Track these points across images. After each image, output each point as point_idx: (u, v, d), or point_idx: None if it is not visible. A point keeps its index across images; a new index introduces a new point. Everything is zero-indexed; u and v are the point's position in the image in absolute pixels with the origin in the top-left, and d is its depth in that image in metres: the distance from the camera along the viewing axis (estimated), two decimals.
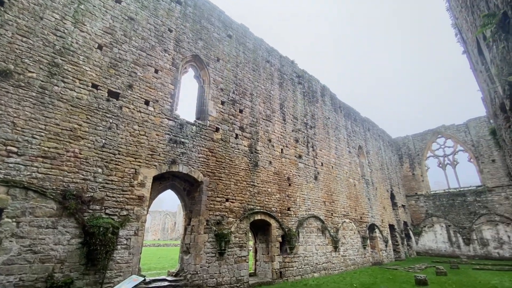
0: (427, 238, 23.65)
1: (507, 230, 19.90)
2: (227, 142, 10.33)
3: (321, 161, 15.28)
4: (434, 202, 24.05)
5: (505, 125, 5.11)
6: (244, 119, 11.42)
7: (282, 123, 13.43)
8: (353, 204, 16.76)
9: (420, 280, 10.42)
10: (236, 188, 10.07)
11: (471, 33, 6.47)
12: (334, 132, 17.59)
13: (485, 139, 22.58)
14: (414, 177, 26.16)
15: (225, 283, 8.51)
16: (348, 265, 14.36)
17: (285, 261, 10.93)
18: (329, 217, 14.32)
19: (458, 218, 22.31)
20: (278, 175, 12.15)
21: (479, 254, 20.44)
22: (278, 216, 11.36)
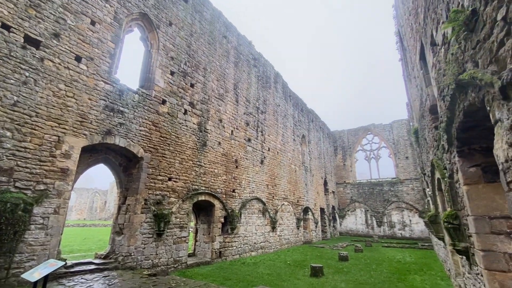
0: (349, 221, 27.10)
1: (409, 215, 24.20)
2: (174, 117, 9.53)
3: (268, 146, 15.63)
4: (358, 190, 27.50)
5: (430, 125, 5.90)
6: (195, 94, 10.69)
7: (234, 104, 13.09)
8: (292, 188, 17.83)
9: (343, 256, 11.84)
10: (181, 167, 9.49)
11: (413, 40, 7.17)
12: (283, 119, 18.11)
13: (403, 138, 26.57)
14: (344, 167, 29.28)
15: (162, 264, 8.09)
16: (283, 244, 15.39)
17: (226, 241, 11.01)
18: (271, 200, 14.94)
19: (375, 204, 26.07)
20: (226, 157, 11.93)
21: (387, 234, 24.46)
22: (223, 198, 11.26)
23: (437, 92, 4.44)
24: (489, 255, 3.15)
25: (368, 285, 7.50)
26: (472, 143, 3.44)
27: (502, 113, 1.83)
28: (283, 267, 9.98)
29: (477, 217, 3.31)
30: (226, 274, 8.35)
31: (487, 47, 1.86)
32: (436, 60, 4.07)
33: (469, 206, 3.43)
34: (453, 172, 4.08)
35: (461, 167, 3.58)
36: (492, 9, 1.69)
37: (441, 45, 3.54)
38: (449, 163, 4.28)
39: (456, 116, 3.21)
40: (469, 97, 2.56)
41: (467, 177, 3.48)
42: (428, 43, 4.54)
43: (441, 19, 3.32)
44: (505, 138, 1.86)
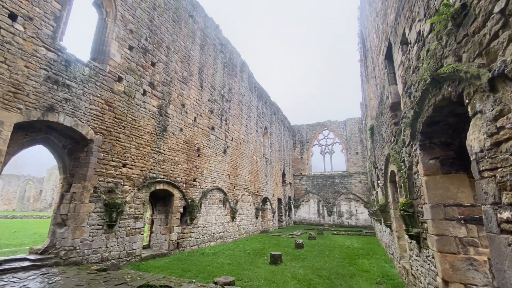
0: (303, 210, 28.56)
1: (356, 205, 26.47)
2: (131, 97, 8.62)
3: (232, 136, 15.34)
4: (313, 182, 29.05)
5: (390, 122, 6.33)
6: (156, 74, 9.82)
7: (199, 89, 12.44)
8: (253, 179, 17.95)
9: (299, 244, 12.37)
10: (138, 153, 8.69)
11: (378, 41, 7.58)
12: (247, 110, 17.94)
13: (355, 135, 28.73)
14: (301, 160, 30.57)
15: (113, 258, 7.37)
16: (242, 233, 15.47)
17: (184, 232, 10.57)
18: (232, 190, 14.79)
19: (327, 195, 27.88)
20: (188, 144, 11.33)
21: (336, 222, 26.45)
22: (183, 187, 10.72)
23: (402, 89, 4.73)
24: (442, 239, 3.48)
25: (324, 270, 7.94)
26: (433, 137, 3.72)
27: (485, 104, 1.92)
28: (243, 256, 10.00)
29: (433, 205, 3.63)
30: (185, 266, 8.01)
31: (477, 41, 1.93)
32: (406, 58, 4.29)
33: (427, 195, 3.73)
34: (412, 164, 4.42)
35: (422, 159, 3.86)
36: (489, 2, 1.73)
37: (414, 43, 3.72)
38: (409, 156, 4.62)
39: (425, 111, 3.42)
40: (444, 91, 2.71)
41: (427, 169, 3.77)
42: (397, 42, 4.78)
43: (418, 17, 3.46)
44: (484, 128, 1.97)
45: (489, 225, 2.04)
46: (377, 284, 6.62)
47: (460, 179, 3.52)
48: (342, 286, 6.36)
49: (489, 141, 1.94)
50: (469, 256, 3.28)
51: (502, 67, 1.64)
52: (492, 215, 1.98)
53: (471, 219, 3.36)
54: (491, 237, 2.03)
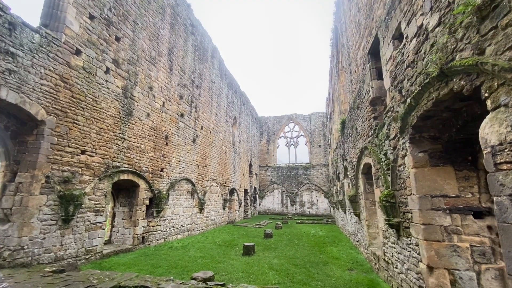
0: (267, 201, 29.11)
1: (317, 195, 27.84)
2: (92, 74, 7.53)
3: (201, 125, 14.65)
4: (278, 173, 29.68)
5: (369, 116, 6.54)
6: (121, 51, 8.73)
7: (168, 72, 11.49)
8: (221, 170, 17.55)
9: (268, 234, 12.50)
10: (99, 139, 7.70)
11: (359, 36, 7.73)
12: (217, 98, 17.29)
13: (318, 129, 29.94)
14: (267, 152, 30.94)
15: (69, 257, 6.48)
16: (209, 225, 15.10)
17: (150, 225, 9.84)
18: (200, 181, 14.24)
19: (290, 185, 28.78)
20: (155, 131, 10.45)
21: (298, 212, 27.55)
22: (149, 177, 9.90)
23: (390, 84, 4.84)
24: (429, 228, 3.67)
25: (298, 259, 8.10)
26: (423, 131, 3.86)
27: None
28: (214, 248, 9.72)
29: (421, 196, 3.79)
30: (154, 261, 7.45)
31: (510, 33, 1.92)
32: (398, 52, 4.36)
33: (415, 186, 3.89)
34: (398, 157, 4.59)
35: (411, 152, 4.00)
36: None
37: (412, 37, 3.76)
38: (393, 149, 4.79)
39: (422, 105, 3.49)
40: (453, 85, 2.74)
41: (416, 161, 3.92)
42: (388, 37, 4.84)
43: (420, 11, 3.48)
44: (508, 122, 1.99)
45: (503, 215, 2.11)
46: (349, 270, 6.95)
47: (446, 172, 3.73)
48: (319, 274, 6.53)
49: None
50: (453, 243, 3.51)
51: None
52: (509, 206, 2.04)
53: (455, 209, 3.59)
54: (504, 227, 2.10)
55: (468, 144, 3.65)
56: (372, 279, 6.04)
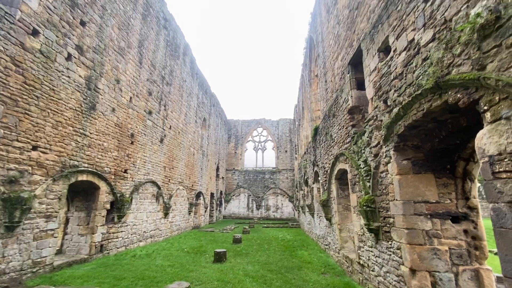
0: (233, 205, 28.73)
1: (282, 199, 28.33)
2: (50, 59, 6.59)
3: (170, 124, 13.87)
4: (244, 177, 29.56)
5: (347, 124, 6.80)
6: (87, 37, 7.83)
7: (137, 65, 10.66)
8: (188, 172, 16.81)
9: (237, 239, 12.24)
10: (55, 134, 6.74)
11: (337, 47, 8.04)
12: (187, 97, 16.61)
13: (285, 135, 30.67)
14: (235, 155, 30.68)
15: (12, 270, 5.46)
16: (174, 230, 14.27)
17: (110, 232, 8.89)
18: (166, 183, 13.41)
19: (257, 189, 28.86)
20: (120, 128, 9.55)
21: (264, 216, 27.69)
22: (111, 179, 8.98)
23: (374, 94, 5.07)
24: (412, 232, 3.85)
25: (272, 264, 8.00)
26: (408, 140, 4.08)
27: None
28: (183, 255, 9.14)
29: (405, 202, 3.98)
30: (117, 273, 6.69)
31: None
32: (384, 64, 4.59)
33: (399, 192, 4.07)
34: (380, 164, 4.79)
35: (395, 160, 4.19)
36: None
37: (401, 50, 3.97)
38: (375, 156, 5.00)
39: (411, 115, 3.67)
40: (448, 97, 2.92)
41: (400, 168, 4.11)
42: (372, 49, 5.08)
43: (411, 26, 3.69)
44: (511, 134, 2.14)
45: (501, 221, 2.25)
46: (323, 274, 7.06)
47: (428, 179, 3.97)
48: (295, 279, 6.50)
49: None
50: (433, 246, 3.73)
51: None
52: (507, 212, 2.19)
53: (436, 214, 3.83)
54: (501, 232, 2.24)
55: (447, 154, 3.95)
56: (347, 282, 6.21)
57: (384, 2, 4.74)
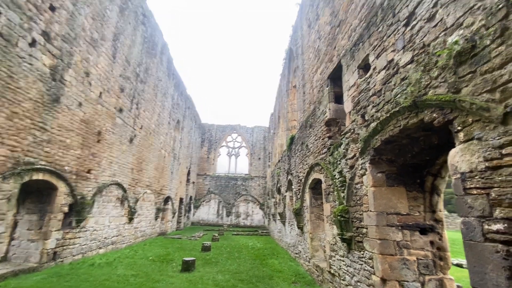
0: (202, 211, 27.94)
1: (252, 206, 28.23)
2: (11, 43, 5.93)
3: (141, 124, 13.20)
4: (216, 182, 29.02)
5: (324, 135, 7.00)
6: (56, 24, 7.21)
7: (110, 60, 10.04)
8: (158, 176, 16.05)
9: (206, 246, 11.86)
10: (10, 126, 6.02)
11: (317, 60, 8.33)
12: (162, 98, 16.00)
13: (260, 142, 30.85)
14: (208, 160, 30.06)
15: None
16: (138, 237, 13.42)
17: (66, 238, 8.07)
18: (133, 186, 12.63)
19: (228, 196, 28.44)
20: (87, 125, 8.85)
21: (234, 223, 27.28)
22: (72, 179, 8.22)
23: (352, 108, 5.29)
24: (384, 243, 4.01)
25: (242, 274, 7.83)
26: (383, 154, 4.28)
27: (488, 133, 2.28)
28: (148, 264, 8.59)
29: (378, 213, 4.14)
30: (72, 283, 6.04)
31: (490, 79, 2.28)
32: (364, 81, 4.82)
33: (373, 204, 4.23)
34: (355, 176, 4.96)
35: (371, 172, 4.37)
36: None
37: (381, 69, 4.20)
38: (351, 168, 5.18)
39: (388, 130, 3.87)
40: (424, 116, 3.12)
41: (375, 181, 4.29)
42: (352, 65, 5.32)
43: (391, 47, 3.93)
44: (481, 153, 2.33)
45: (471, 234, 2.41)
46: (293, 283, 7.07)
47: (400, 192, 4.19)
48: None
49: (484, 164, 2.31)
50: (403, 256, 3.91)
51: None
52: (477, 226, 2.35)
53: (406, 226, 4.03)
54: (471, 244, 2.40)
55: (417, 169, 4.21)
56: None
57: (365, 22, 5.02)
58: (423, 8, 3.25)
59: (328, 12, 7.60)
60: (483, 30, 2.36)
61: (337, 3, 6.89)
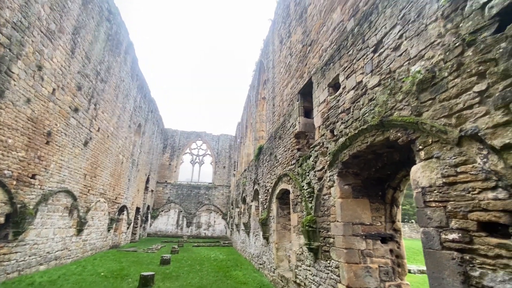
0: (160, 221, 26.39)
1: (215, 216, 27.57)
2: None
3: (99, 126, 12.17)
4: (177, 191, 27.79)
5: (293, 147, 7.25)
6: (7, 9, 6.40)
7: (68, 54, 9.18)
8: (114, 183, 14.82)
9: (165, 259, 11.18)
10: None
11: (288, 75, 8.68)
12: (123, 99, 15.03)
13: (225, 151, 30.59)
14: (169, 167, 28.75)
15: None
16: (87, 250, 12.09)
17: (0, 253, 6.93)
18: (85, 194, 11.46)
19: (189, 205, 27.39)
20: (34, 124, 7.87)
21: (194, 234, 26.25)
22: (12, 185, 7.16)
23: (321, 123, 5.59)
24: (350, 252, 4.23)
25: (206, 287, 7.52)
26: (350, 167, 4.58)
27: (445, 153, 2.60)
28: (99, 281, 7.77)
29: (345, 223, 4.38)
30: None
31: (447, 106, 2.62)
32: (333, 98, 5.15)
33: (340, 214, 4.47)
34: (323, 187, 5.20)
35: (338, 184, 4.63)
36: (468, 82, 2.43)
37: (350, 89, 4.54)
38: (319, 180, 5.41)
39: (356, 146, 4.17)
40: (390, 134, 3.44)
41: (343, 192, 4.56)
42: (323, 83, 5.67)
43: (360, 70, 4.29)
44: (439, 170, 2.64)
45: (430, 243, 2.69)
46: None
47: (364, 203, 4.50)
48: None
49: (442, 180, 2.62)
50: (367, 265, 4.16)
51: (475, 130, 2.31)
52: (435, 236, 2.63)
53: (369, 235, 4.32)
54: (430, 252, 2.67)
55: (380, 182, 4.58)
56: None
57: (336, 45, 5.42)
58: (390, 38, 3.64)
59: (300, 31, 8.04)
60: (442, 64, 2.73)
61: (309, 24, 7.33)
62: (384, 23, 3.80)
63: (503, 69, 2.12)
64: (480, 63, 2.32)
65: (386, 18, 3.75)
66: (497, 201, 2.10)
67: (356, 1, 5.02)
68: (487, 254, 2.14)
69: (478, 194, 2.26)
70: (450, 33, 2.67)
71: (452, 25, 2.65)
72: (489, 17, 2.28)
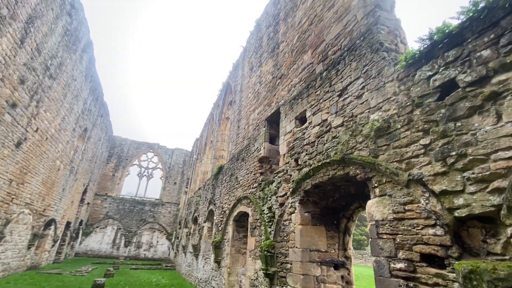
0: (93, 239, 23.35)
1: (158, 236, 25.56)
2: None
3: (38, 126, 10.71)
4: (118, 206, 25.22)
5: (256, 170, 7.45)
6: None
7: (16, 43, 8.14)
8: (44, 192, 12.87)
9: (99, 284, 9.89)
10: None
11: (256, 101, 9.09)
12: (72, 99, 13.62)
13: (178, 166, 29.32)
14: (112, 178, 26.19)
15: None
16: None
17: None
18: (7, 204, 9.68)
19: (130, 222, 24.96)
20: None
21: (132, 255, 23.75)
22: None
23: (286, 151, 5.96)
24: (306, 278, 4.44)
25: None
26: (310, 196, 4.94)
27: (396, 192, 3.07)
28: None
29: (303, 249, 4.63)
30: None
31: (399, 152, 3.14)
32: (299, 130, 5.59)
33: (299, 240, 4.71)
34: (284, 213, 5.44)
35: (299, 211, 4.93)
36: (416, 135, 2.98)
37: (316, 125, 5.03)
38: (281, 205, 5.65)
39: (318, 177, 4.56)
40: (350, 171, 3.89)
41: (303, 219, 4.85)
42: (290, 115, 6.13)
43: (326, 110, 4.82)
44: (390, 206, 3.10)
45: (381, 271, 3.05)
46: None
47: (320, 231, 4.83)
48: None
49: (393, 215, 3.06)
50: None
51: (420, 175, 2.81)
52: (385, 264, 3.01)
53: (324, 262, 4.61)
54: (381, 279, 3.02)
55: (335, 212, 5.01)
56: None
57: (305, 83, 6.00)
58: (354, 88, 4.24)
59: (271, 63, 8.63)
60: (396, 117, 3.29)
61: (280, 59, 7.96)
62: (349, 73, 4.41)
63: (442, 130, 2.69)
64: (425, 122, 2.89)
65: (351, 70, 4.38)
66: (436, 236, 2.56)
67: (325, 48, 5.72)
68: (427, 282, 2.54)
69: (421, 230, 2.71)
70: (403, 93, 3.28)
71: (405, 87, 3.27)
72: (433, 87, 2.90)
